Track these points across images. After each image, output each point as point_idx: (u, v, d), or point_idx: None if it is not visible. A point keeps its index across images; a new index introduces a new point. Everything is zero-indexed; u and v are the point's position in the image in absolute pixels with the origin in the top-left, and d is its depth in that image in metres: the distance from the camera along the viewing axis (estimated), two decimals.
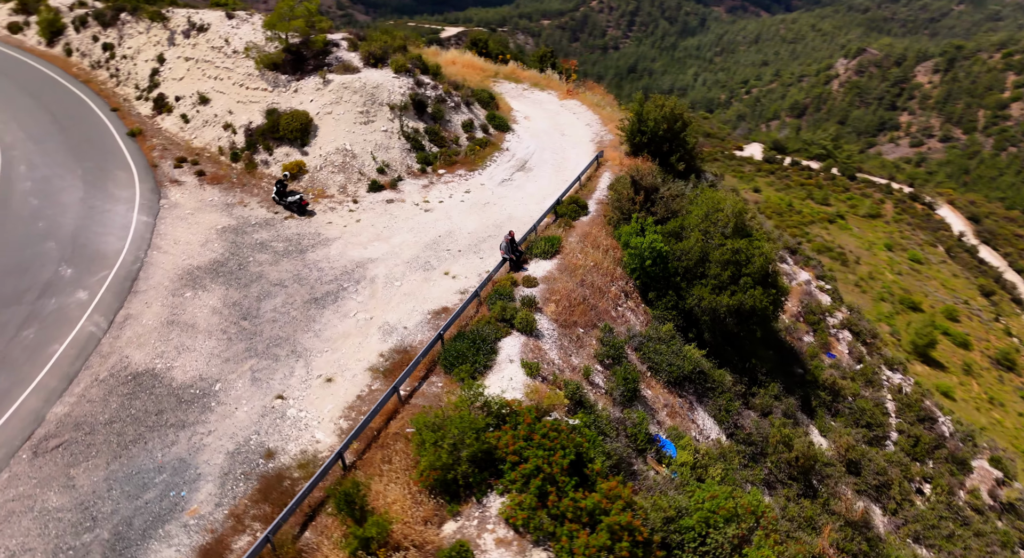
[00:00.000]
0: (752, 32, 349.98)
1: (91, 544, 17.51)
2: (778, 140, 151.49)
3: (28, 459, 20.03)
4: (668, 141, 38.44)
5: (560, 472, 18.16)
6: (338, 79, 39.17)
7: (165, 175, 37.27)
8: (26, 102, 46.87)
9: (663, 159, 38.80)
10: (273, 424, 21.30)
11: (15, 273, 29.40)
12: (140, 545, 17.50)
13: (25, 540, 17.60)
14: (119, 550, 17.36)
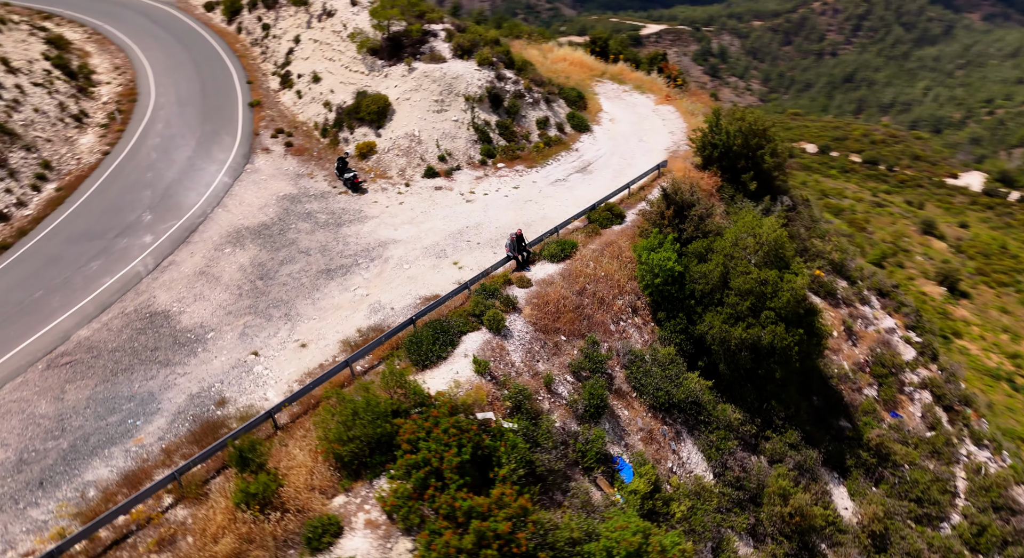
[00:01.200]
0: (1011, 44, 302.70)
1: (51, 450, 20.33)
2: (1007, 171, 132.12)
3: (41, 369, 23.54)
4: (743, 157, 35.96)
5: (451, 469, 18.17)
6: (422, 67, 40.82)
7: (260, 143, 41.11)
8: (189, 71, 53.53)
9: (735, 176, 36.41)
10: (237, 377, 23.21)
11: (111, 212, 34.16)
12: (85, 459, 20.03)
13: (6, 436, 20.82)
14: (68, 460, 20.01)
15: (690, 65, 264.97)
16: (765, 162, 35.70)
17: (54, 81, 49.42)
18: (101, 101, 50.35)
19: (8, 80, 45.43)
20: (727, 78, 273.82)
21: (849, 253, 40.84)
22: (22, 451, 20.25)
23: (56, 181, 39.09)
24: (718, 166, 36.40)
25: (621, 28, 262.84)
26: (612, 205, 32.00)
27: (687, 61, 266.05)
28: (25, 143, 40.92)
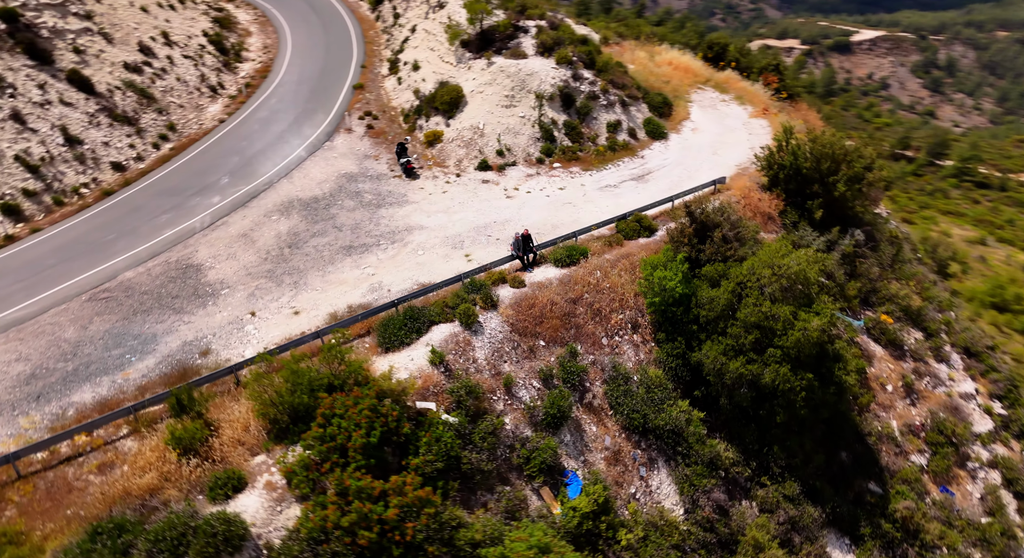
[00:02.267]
0: None
1: (58, 371, 23.43)
2: None
3: (83, 301, 27.06)
4: (814, 182, 33.02)
5: (355, 449, 18.73)
6: (500, 62, 41.34)
7: (346, 124, 43.79)
8: (319, 53, 58.09)
9: (803, 201, 33.54)
10: (229, 332, 25.28)
11: (199, 173, 38.14)
12: (79, 383, 22.88)
13: (30, 352, 24.26)
14: (67, 381, 22.96)
15: (906, 77, 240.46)
16: (837, 189, 32.44)
17: (204, 55, 55.46)
18: (239, 76, 55.85)
19: (163, 51, 51.66)
20: (951, 95, 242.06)
21: (936, 302, 36.04)
22: (37, 367, 23.56)
23: (174, 142, 44.15)
24: (784, 188, 33.70)
25: (830, 33, 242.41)
26: (643, 217, 30.75)
27: (903, 72, 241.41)
28: (159, 107, 46.49)
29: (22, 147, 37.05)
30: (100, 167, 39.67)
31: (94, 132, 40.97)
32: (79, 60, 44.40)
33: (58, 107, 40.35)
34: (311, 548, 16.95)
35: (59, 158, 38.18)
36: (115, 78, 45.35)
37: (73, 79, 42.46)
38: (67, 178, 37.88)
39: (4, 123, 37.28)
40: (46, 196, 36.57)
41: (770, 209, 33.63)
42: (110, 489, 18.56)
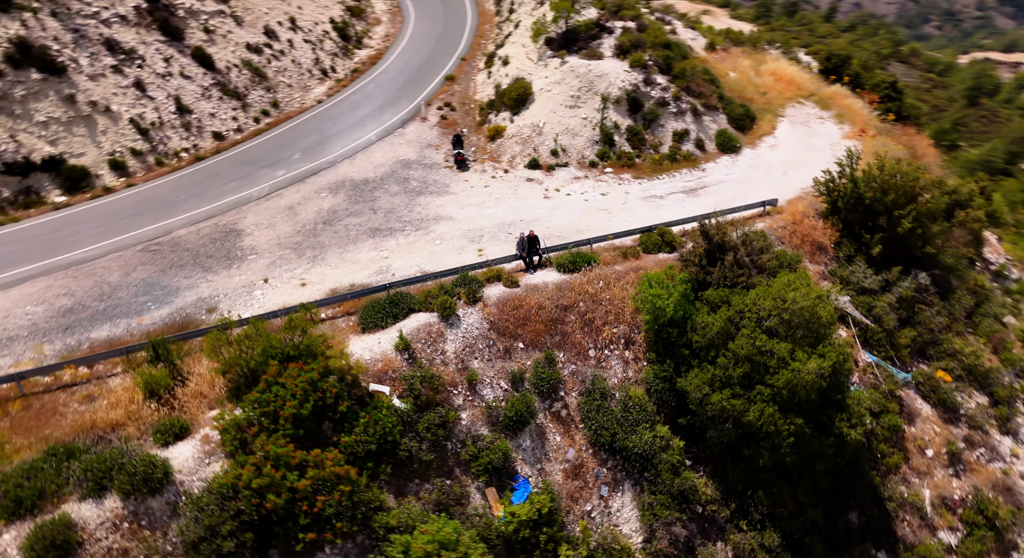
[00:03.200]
0: None
1: (91, 309, 26.44)
2: None
3: (136, 250, 30.25)
4: (879, 214, 29.92)
5: (286, 417, 19.69)
6: (573, 62, 40.89)
7: (423, 113, 45.28)
8: (430, 43, 60.46)
9: (862, 233, 30.53)
10: (238, 295, 27.28)
11: (277, 148, 41.16)
12: (103, 322, 25.69)
13: (76, 290, 27.57)
14: (93, 319, 25.87)
15: None
16: (902, 225, 29.12)
17: (324, 41, 59.42)
18: (353, 61, 59.37)
19: (285, 35, 55.99)
20: None
21: (1020, 367, 31.26)
22: (76, 303, 26.79)
23: (272, 118, 47.91)
24: (843, 217, 30.79)
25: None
26: (667, 231, 29.36)
27: None
28: (269, 85, 50.54)
29: (138, 112, 41.79)
30: (202, 135, 43.87)
31: (204, 103, 45.30)
32: (207, 39, 49.17)
33: (177, 79, 45.01)
34: (219, 503, 18.12)
35: (168, 124, 42.67)
36: (235, 57, 49.78)
37: (197, 55, 47.13)
38: (171, 142, 42.28)
39: (127, 89, 42.21)
40: (150, 156, 41.06)
41: (823, 239, 30.85)
42: (81, 418, 20.87)
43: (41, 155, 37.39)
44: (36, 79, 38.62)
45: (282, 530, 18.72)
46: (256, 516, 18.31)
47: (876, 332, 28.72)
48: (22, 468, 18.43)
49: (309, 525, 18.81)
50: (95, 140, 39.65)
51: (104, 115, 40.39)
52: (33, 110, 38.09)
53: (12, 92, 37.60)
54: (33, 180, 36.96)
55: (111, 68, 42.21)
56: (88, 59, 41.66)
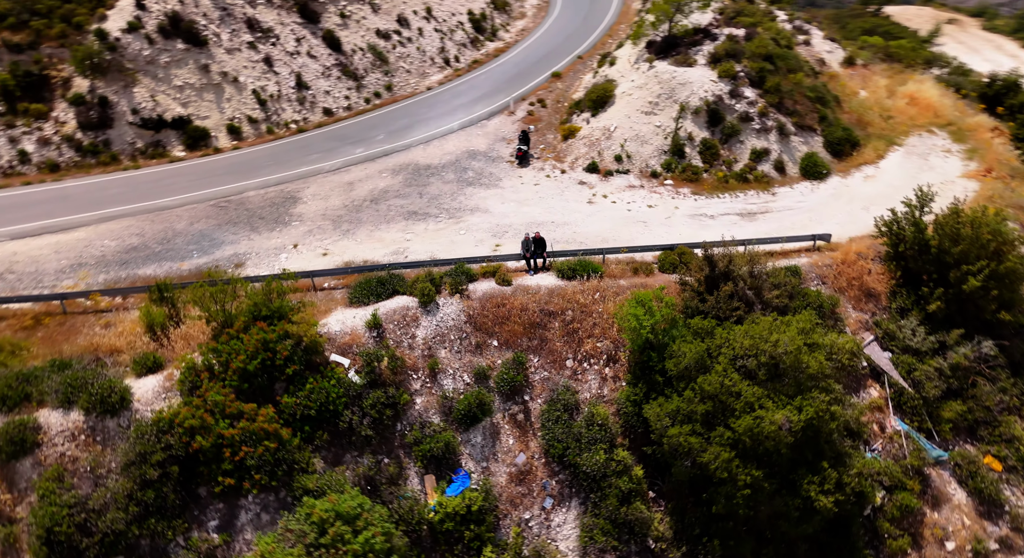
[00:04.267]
0: None
1: (149, 250, 30.06)
2: None
3: (208, 205, 33.84)
4: (948, 267, 26.14)
5: (234, 369, 21.37)
6: (660, 67, 39.33)
7: (513, 107, 45.82)
8: (558, 39, 60.68)
9: (922, 286, 26.85)
10: (267, 255, 29.68)
11: (369, 128, 43.77)
12: (152, 262, 29.15)
13: (146, 231, 31.46)
14: (147, 260, 29.38)
15: None
16: (968, 283, 25.15)
17: (456, 31, 61.88)
18: (479, 52, 61.30)
19: (417, 23, 58.97)
20: None
21: None
22: (140, 244, 30.63)
23: (382, 100, 50.94)
24: (905, 265, 27.20)
25: None
26: (687, 252, 27.61)
27: None
28: (388, 69, 53.65)
29: (261, 84, 46.36)
30: (313, 110, 47.71)
31: (322, 82, 49.18)
32: (341, 23, 53.19)
33: (303, 58, 49.24)
34: (155, 434, 20.17)
35: (285, 97, 46.90)
36: (363, 41, 53.37)
37: (327, 38, 51.19)
38: (284, 114, 46.46)
39: (256, 64, 46.95)
40: (263, 125, 45.45)
41: (877, 285, 27.42)
42: (90, 340, 24.10)
43: (172, 115, 42.77)
44: (180, 49, 44.13)
45: (207, 471, 20.48)
46: (184, 453, 20.18)
47: (913, 398, 25.09)
48: (23, 372, 21.77)
49: (231, 471, 20.39)
50: (219, 106, 44.56)
51: (232, 85, 45.23)
52: (173, 75, 43.61)
53: (158, 58, 43.32)
54: (162, 135, 42.40)
55: (247, 44, 47.10)
56: (229, 34, 46.80)
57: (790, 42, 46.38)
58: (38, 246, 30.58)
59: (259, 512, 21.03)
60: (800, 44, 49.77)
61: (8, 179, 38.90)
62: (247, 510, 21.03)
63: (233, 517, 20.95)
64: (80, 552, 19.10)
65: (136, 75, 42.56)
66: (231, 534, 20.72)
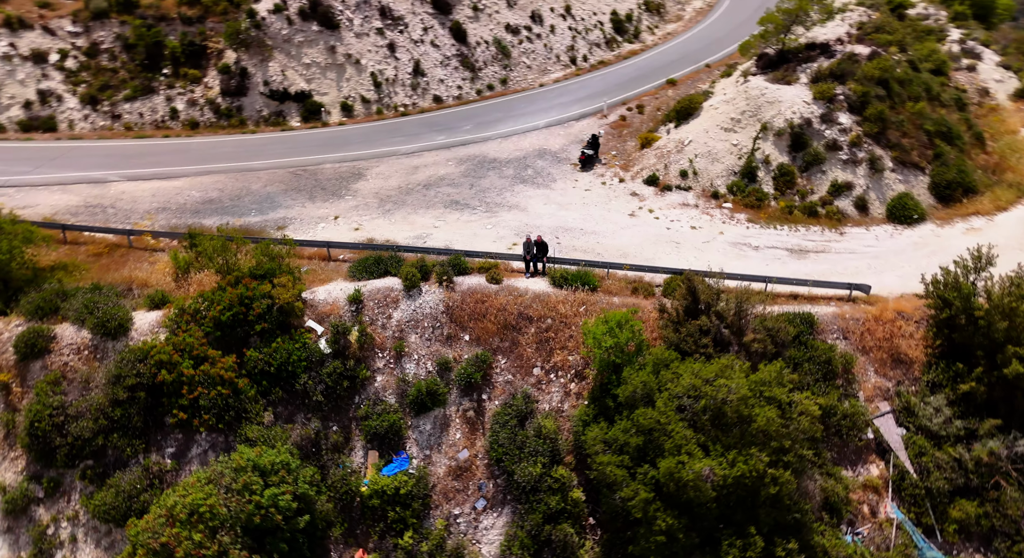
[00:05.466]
0: None
1: (220, 204, 33.53)
2: None
3: (287, 171, 36.97)
4: (999, 345, 22.15)
5: (210, 318, 23.54)
6: (753, 82, 36.52)
7: (608, 111, 44.87)
8: (695, 47, 58.25)
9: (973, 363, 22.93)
10: (307, 223, 31.96)
11: (462, 119, 44.89)
12: (218, 215, 32.45)
13: (228, 188, 35.00)
14: (214, 212, 32.82)
15: None
16: (1011, 366, 21.06)
17: (591, 31, 61.43)
18: (611, 53, 60.60)
19: (551, 21, 58.92)
20: None
21: None
22: (218, 198, 34.19)
23: (493, 92, 52.15)
24: (947, 334, 23.37)
25: None
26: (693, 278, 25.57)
27: None
28: (508, 63, 54.56)
29: (380, 68, 49.51)
30: (424, 96, 50.11)
31: (439, 70, 51.44)
32: (472, 15, 55.09)
33: (426, 46, 51.78)
34: (132, 361, 22.79)
35: (399, 82, 49.73)
36: (490, 34, 54.86)
37: (453, 29, 53.32)
38: (396, 98, 49.28)
39: (380, 49, 50.17)
40: (374, 105, 48.57)
41: (912, 351, 23.76)
42: (130, 272, 27.71)
43: (296, 89, 47.09)
44: (314, 30, 48.33)
45: (167, 403, 22.89)
46: (151, 383, 22.70)
47: (916, 485, 21.51)
48: (62, 289, 25.63)
49: (186, 407, 22.63)
50: (339, 85, 48.28)
51: (353, 66, 48.78)
52: (303, 54, 47.94)
53: (294, 38, 47.83)
54: (285, 106, 46.88)
55: (376, 30, 50.43)
56: (361, 20, 50.40)
57: (942, 66, 40.78)
58: (142, 189, 35.46)
59: (207, 449, 23.14)
60: (961, 69, 43.62)
61: (155, 131, 45.15)
62: (199, 445, 23.22)
63: (187, 449, 23.26)
64: (53, 449, 22.31)
65: (273, 51, 47.32)
66: (180, 463, 23.03)
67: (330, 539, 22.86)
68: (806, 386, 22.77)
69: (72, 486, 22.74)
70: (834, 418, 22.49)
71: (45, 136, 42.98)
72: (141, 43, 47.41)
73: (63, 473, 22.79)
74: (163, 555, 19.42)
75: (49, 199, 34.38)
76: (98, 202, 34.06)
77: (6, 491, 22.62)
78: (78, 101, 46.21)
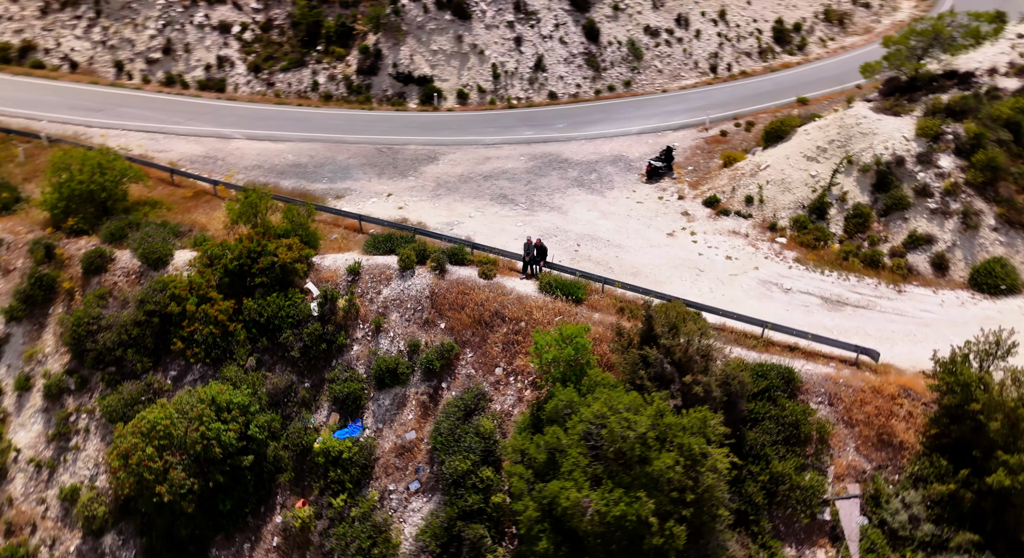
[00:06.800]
0: None
1: (305, 168, 36.80)
2: None
3: (373, 147, 39.57)
4: (995, 445, 18.60)
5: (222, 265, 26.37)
6: (856, 109, 32.63)
7: (707, 124, 42.41)
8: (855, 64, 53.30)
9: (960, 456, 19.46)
10: (361, 196, 34.16)
11: (560, 116, 44.76)
12: (296, 178, 35.84)
13: (317, 155, 38.37)
14: (295, 175, 36.18)
15: None
16: (996, 475, 17.51)
17: (744, 39, 57.99)
18: (759, 64, 56.89)
19: (699, 25, 55.87)
20: None
21: None
22: (306, 163, 37.42)
23: (613, 93, 51.28)
24: (947, 424, 19.89)
25: None
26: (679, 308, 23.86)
27: None
28: (636, 66, 52.76)
29: (502, 61, 50.82)
30: (539, 92, 50.68)
31: (561, 67, 51.68)
32: (611, 15, 54.47)
33: (553, 42, 52.22)
34: (153, 290, 26.26)
35: (518, 75, 50.76)
36: (625, 35, 53.90)
37: (586, 27, 53.11)
38: (511, 90, 50.34)
39: (506, 42, 51.47)
40: (488, 96, 49.95)
41: (904, 434, 20.46)
42: (195, 215, 31.75)
43: (419, 73, 49.99)
44: (447, 19, 50.83)
45: (172, 331, 26.15)
46: (163, 311, 26.08)
47: None
48: (134, 221, 30.03)
49: (184, 338, 25.76)
50: (459, 73, 50.45)
51: (477, 56, 50.62)
52: (432, 40, 50.68)
53: (426, 25, 50.70)
54: (407, 89, 50.01)
55: (506, 23, 51.79)
56: (494, 13, 52.00)
57: None
58: (252, 148, 40.04)
59: (198, 379, 26.15)
60: None
61: (296, 100, 50.29)
62: (192, 374, 26.32)
63: (184, 375, 26.45)
64: (86, 352, 26.53)
65: (406, 36, 50.51)
66: (176, 386, 26.27)
67: (278, 483, 24.85)
68: (759, 445, 20.53)
69: (95, 386, 26.91)
70: (782, 487, 20.07)
71: (211, 95, 49.58)
72: (304, 22, 52.79)
73: (91, 373, 27.02)
74: (123, 459, 22.54)
75: (182, 147, 39.99)
76: (215, 155, 39.04)
77: (49, 378, 27.34)
78: (246, 68, 52.54)
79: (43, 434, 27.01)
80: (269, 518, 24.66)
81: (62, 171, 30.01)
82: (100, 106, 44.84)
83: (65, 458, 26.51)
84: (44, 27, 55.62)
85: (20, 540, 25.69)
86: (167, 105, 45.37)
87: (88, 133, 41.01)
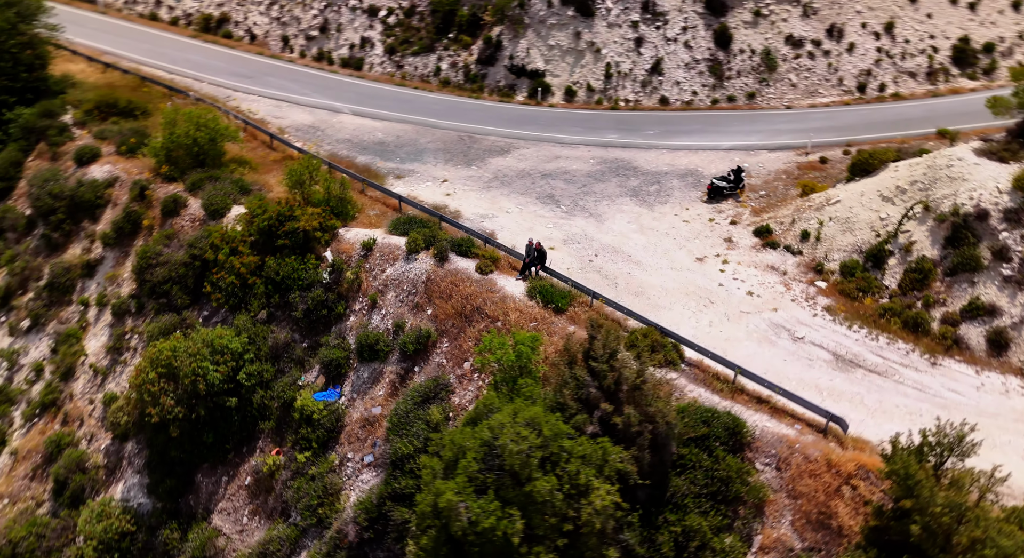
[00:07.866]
0: None
1: (388, 145, 38.98)
2: None
3: (456, 135, 40.75)
4: (934, 536, 15.95)
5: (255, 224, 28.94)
6: (956, 150, 28.21)
7: (808, 147, 38.71)
8: None
9: None
10: (420, 179, 35.57)
11: (656, 123, 43.36)
12: (372, 153, 38.11)
13: (403, 135, 40.49)
14: (377, 152, 38.48)
15: None
16: None
17: (914, 57, 51.47)
18: (922, 87, 50.70)
19: (855, 38, 50.69)
20: None
21: None
22: (390, 141, 39.50)
23: (732, 104, 48.22)
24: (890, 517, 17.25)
25: None
26: (659, 341, 22.50)
27: None
28: (766, 78, 48.74)
29: (617, 61, 49.74)
30: (651, 96, 49.07)
31: (679, 72, 49.59)
32: (751, 21, 51.20)
33: (676, 46, 50.13)
34: (201, 237, 29.56)
35: (631, 77, 49.47)
36: (761, 43, 50.33)
37: (717, 32, 50.37)
38: (621, 92, 49.12)
39: (626, 42, 50.28)
40: (596, 95, 48.90)
41: (850, 521, 17.86)
42: (269, 179, 34.83)
43: (533, 67, 50.45)
44: (568, 15, 50.64)
45: (208, 275, 29.26)
46: (202, 257, 29.28)
47: None
48: (214, 174, 33.72)
49: (213, 283, 28.74)
50: (571, 70, 50.23)
51: (592, 54, 50.01)
52: (550, 35, 50.83)
53: (547, 20, 50.95)
54: (519, 81, 50.78)
55: (630, 23, 50.55)
56: (619, 10, 50.95)
57: None
58: (353, 123, 42.81)
59: (221, 321, 29.10)
60: None
61: (418, 83, 52.99)
62: (217, 316, 29.34)
63: (213, 316, 29.57)
64: (144, 281, 30.54)
65: (526, 30, 51.15)
66: (204, 324, 29.45)
67: (260, 429, 27.12)
68: (681, 495, 18.98)
69: (148, 312, 30.93)
70: (692, 542, 18.43)
71: (347, 72, 53.67)
72: (441, 9, 55.38)
73: (147, 301, 31.07)
74: (133, 379, 25.94)
75: (296, 115, 44.01)
76: (319, 125, 42.52)
77: (119, 299, 31.87)
78: (383, 50, 56.15)
79: (105, 345, 31.62)
80: (248, 459, 27.02)
81: (170, 125, 34.51)
82: (252, 74, 50.30)
83: (115, 369, 30.87)
84: (238, 2, 63.08)
85: (70, 430, 30.45)
86: (304, 77, 49.86)
87: (233, 96, 46.37)
